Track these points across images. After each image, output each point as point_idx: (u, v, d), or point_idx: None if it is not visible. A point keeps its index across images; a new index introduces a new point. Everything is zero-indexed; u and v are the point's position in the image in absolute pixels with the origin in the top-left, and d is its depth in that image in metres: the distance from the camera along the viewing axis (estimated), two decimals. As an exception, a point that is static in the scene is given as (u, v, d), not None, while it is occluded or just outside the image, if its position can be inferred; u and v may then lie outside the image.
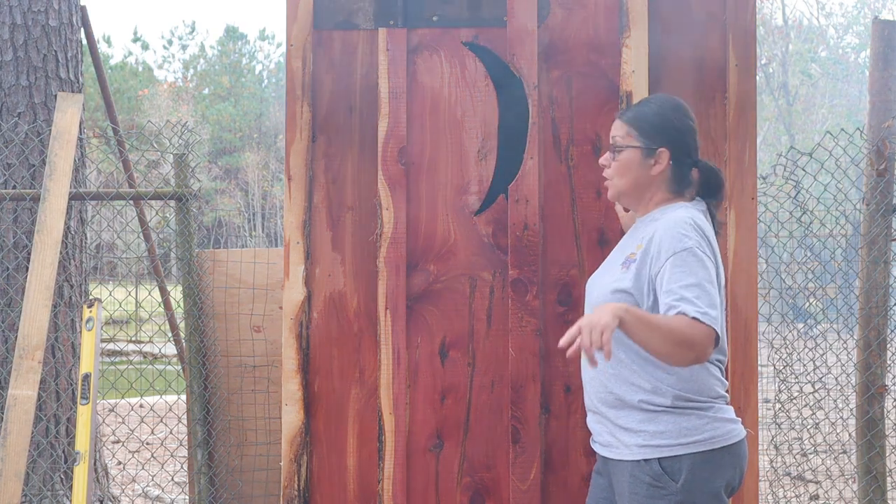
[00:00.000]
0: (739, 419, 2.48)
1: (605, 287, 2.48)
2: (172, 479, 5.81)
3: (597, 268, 2.70)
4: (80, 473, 3.44)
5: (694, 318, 2.22)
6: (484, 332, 3.09)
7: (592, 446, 2.60)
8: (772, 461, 4.78)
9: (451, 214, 3.12)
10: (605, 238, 3.06)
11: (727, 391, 2.49)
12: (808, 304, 5.34)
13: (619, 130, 2.55)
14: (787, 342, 4.62)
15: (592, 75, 3.10)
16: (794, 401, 4.67)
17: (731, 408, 2.46)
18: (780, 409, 4.65)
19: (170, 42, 48.73)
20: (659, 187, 2.52)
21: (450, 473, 3.09)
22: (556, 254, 3.08)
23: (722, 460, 2.38)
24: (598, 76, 3.10)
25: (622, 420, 2.43)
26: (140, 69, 41.49)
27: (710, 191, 2.54)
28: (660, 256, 2.35)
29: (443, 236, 3.12)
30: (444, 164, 3.12)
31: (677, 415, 2.37)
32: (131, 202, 4.90)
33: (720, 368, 2.46)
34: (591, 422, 2.56)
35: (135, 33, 65.13)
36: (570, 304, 3.06)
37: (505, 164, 3.12)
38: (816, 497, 5.30)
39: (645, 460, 2.37)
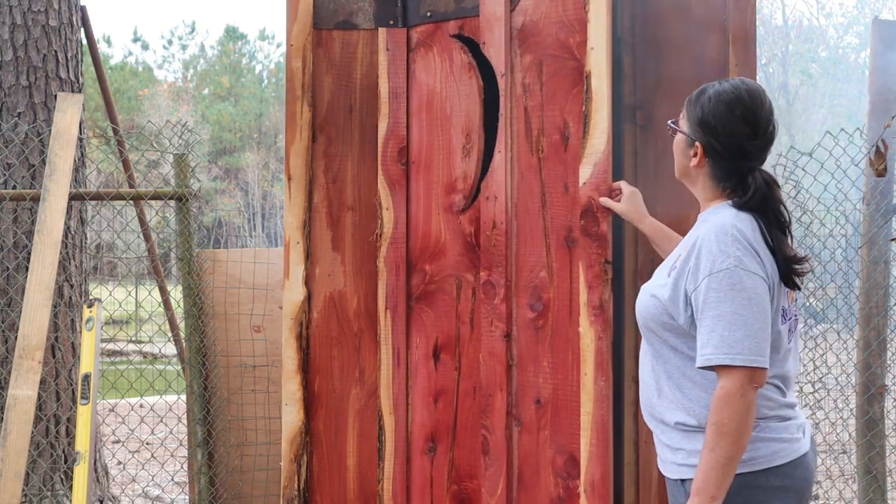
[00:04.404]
0: (799, 436, 2.27)
1: (647, 288, 2.35)
2: (172, 479, 5.81)
3: (564, 269, 2.59)
4: (80, 473, 3.44)
5: (724, 365, 2.10)
6: (468, 335, 3.01)
7: None
8: (772, 461, 4.77)
9: (441, 213, 3.07)
10: (571, 237, 2.84)
11: (787, 406, 2.27)
12: (807, 303, 5.33)
13: (684, 109, 2.38)
14: (787, 342, 4.62)
15: (562, 57, 2.87)
16: (794, 401, 4.67)
17: (788, 425, 2.24)
18: (780, 409, 4.65)
19: (170, 42, 48.78)
20: (704, 182, 2.34)
21: (441, 479, 3.05)
22: (528, 254, 2.90)
23: (767, 483, 2.18)
24: (568, 57, 2.86)
25: (665, 436, 2.31)
26: (140, 69, 41.51)
27: (755, 203, 2.26)
28: (697, 273, 2.19)
29: (435, 236, 3.08)
30: (436, 162, 3.09)
31: None
32: (131, 202, 4.90)
33: (774, 386, 2.25)
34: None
35: (135, 33, 65.16)
36: (541, 310, 2.86)
37: (487, 159, 3.00)
38: (816, 497, 5.30)
39: (682, 480, 2.24)
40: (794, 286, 2.27)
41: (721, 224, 2.21)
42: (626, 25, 3.36)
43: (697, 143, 2.31)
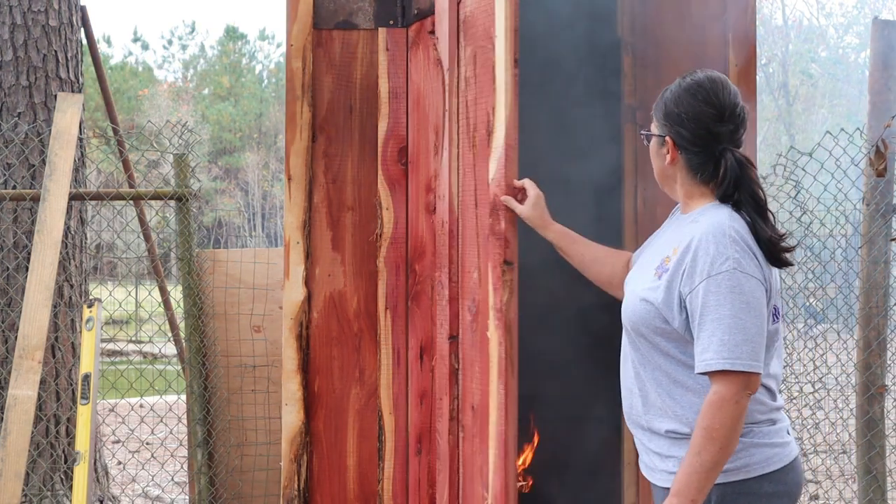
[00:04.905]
0: (790, 439, 2.25)
1: (635, 291, 2.28)
2: (172, 479, 5.81)
3: (486, 270, 2.48)
4: (80, 473, 3.44)
5: (720, 370, 2.07)
6: (438, 336, 2.96)
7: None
8: (772, 461, 4.77)
9: (422, 213, 3.04)
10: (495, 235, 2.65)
11: (776, 409, 2.25)
12: (807, 303, 5.33)
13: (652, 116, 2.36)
14: (787, 342, 4.62)
15: (487, 47, 2.69)
16: (794, 401, 4.68)
17: (778, 428, 2.23)
18: (780, 409, 4.65)
19: (170, 42, 48.74)
20: (683, 180, 2.30)
21: (423, 481, 3.02)
22: (468, 254, 2.78)
23: (761, 489, 2.15)
24: (491, 48, 2.67)
25: (652, 444, 2.27)
26: (140, 69, 41.50)
27: (728, 186, 2.23)
28: (693, 276, 2.14)
29: (420, 236, 3.05)
30: (422, 161, 3.06)
31: None
32: (131, 202, 4.90)
33: (766, 388, 2.22)
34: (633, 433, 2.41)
35: (135, 33, 65.15)
36: (475, 312, 2.74)
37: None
38: (816, 497, 5.30)
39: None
40: (785, 264, 2.23)
41: (717, 224, 2.17)
42: (626, 25, 3.36)
43: (667, 138, 2.28)
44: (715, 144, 2.24)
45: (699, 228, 2.19)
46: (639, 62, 3.22)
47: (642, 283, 2.28)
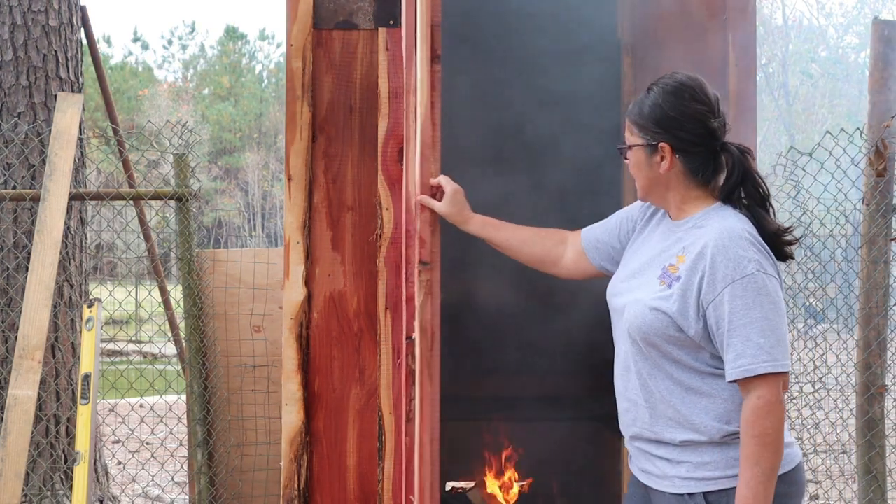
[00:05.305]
0: (795, 440, 2.27)
1: (641, 302, 2.21)
2: (172, 479, 5.82)
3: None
4: (80, 473, 3.44)
5: (762, 374, 2.06)
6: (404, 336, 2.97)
7: (630, 467, 2.37)
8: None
9: (408, 214, 3.05)
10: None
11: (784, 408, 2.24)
12: (807, 303, 5.34)
13: (627, 128, 2.30)
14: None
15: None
16: (794, 401, 4.68)
17: (786, 428, 2.20)
18: (780, 409, 4.65)
19: (170, 42, 48.76)
20: (680, 185, 2.25)
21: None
22: (412, 254, 2.81)
23: (777, 490, 2.12)
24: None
25: (661, 451, 2.22)
26: (140, 69, 41.52)
27: (731, 182, 2.21)
28: (714, 283, 2.10)
29: (410, 236, 3.06)
30: (411, 162, 3.05)
31: (724, 445, 2.15)
32: (131, 202, 4.90)
33: None
34: (627, 444, 2.35)
35: (135, 33, 65.19)
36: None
37: None
38: (816, 497, 5.30)
39: (689, 494, 2.16)
40: (788, 257, 2.22)
41: (730, 228, 2.14)
42: (626, 25, 3.36)
43: (662, 145, 2.23)
44: (714, 141, 2.23)
45: (710, 234, 2.16)
46: (639, 62, 3.22)
47: (646, 292, 2.22)
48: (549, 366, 3.90)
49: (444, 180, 2.63)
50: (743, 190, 2.21)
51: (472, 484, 4.13)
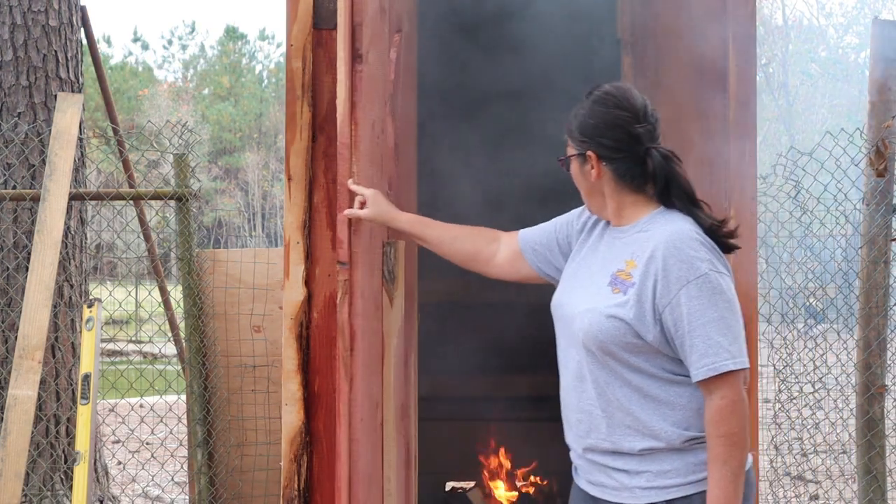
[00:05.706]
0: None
1: (595, 310, 2.18)
2: (172, 479, 5.82)
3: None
4: (80, 473, 3.44)
5: (724, 372, 2.07)
6: None
7: (577, 482, 2.32)
8: (772, 461, 4.78)
9: None
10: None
11: None
12: (807, 303, 5.34)
13: (567, 145, 2.34)
14: (787, 342, 4.62)
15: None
16: (794, 401, 4.68)
17: None
18: (780, 409, 4.66)
19: (170, 42, 48.73)
20: (613, 192, 2.26)
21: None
22: None
23: (749, 478, 2.15)
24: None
25: (618, 463, 2.19)
26: (140, 69, 41.53)
27: (660, 182, 2.22)
28: (669, 285, 2.11)
29: None
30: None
31: (684, 451, 2.15)
32: (131, 202, 4.90)
33: None
34: (577, 458, 2.30)
35: (135, 33, 65.19)
36: None
37: None
38: (816, 497, 5.30)
39: None
40: (732, 248, 2.24)
41: (678, 230, 2.16)
42: (626, 25, 3.36)
43: (590, 153, 2.24)
44: (637, 146, 2.22)
45: (659, 237, 2.16)
46: (639, 62, 3.22)
47: (598, 300, 2.19)
48: (548, 365, 3.90)
49: (355, 188, 2.63)
50: (671, 192, 2.22)
51: (472, 484, 4.13)
